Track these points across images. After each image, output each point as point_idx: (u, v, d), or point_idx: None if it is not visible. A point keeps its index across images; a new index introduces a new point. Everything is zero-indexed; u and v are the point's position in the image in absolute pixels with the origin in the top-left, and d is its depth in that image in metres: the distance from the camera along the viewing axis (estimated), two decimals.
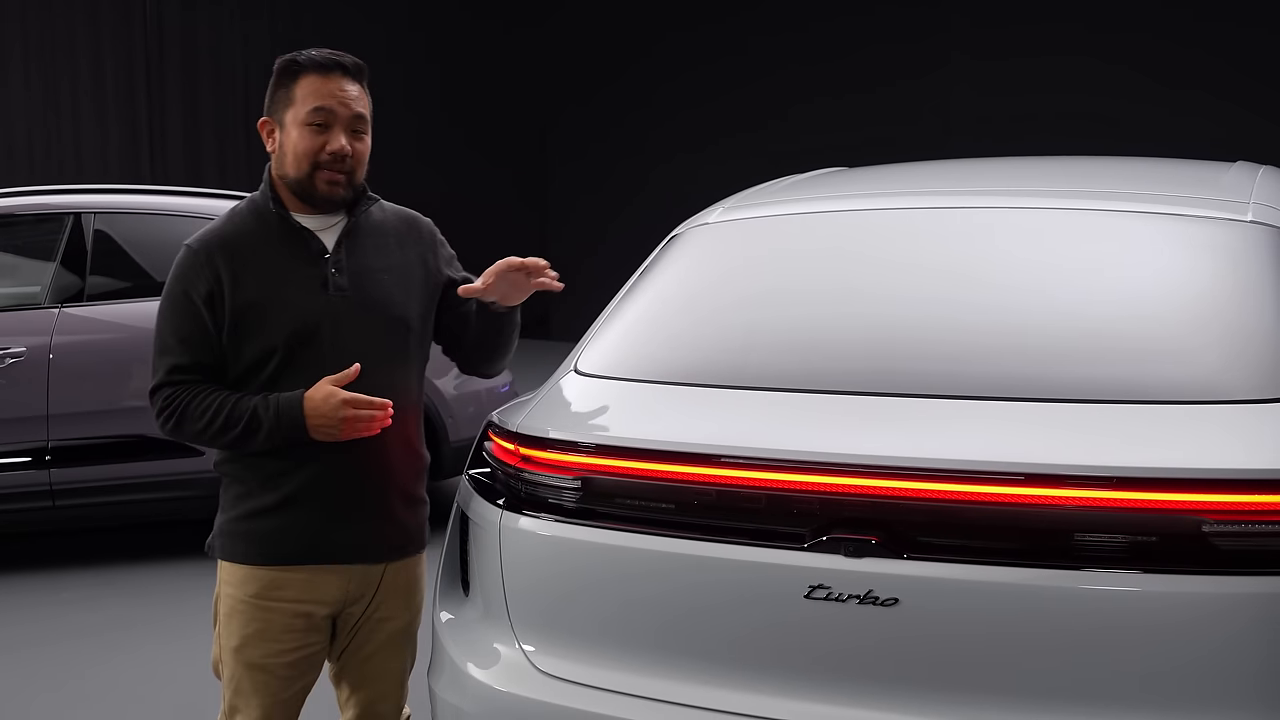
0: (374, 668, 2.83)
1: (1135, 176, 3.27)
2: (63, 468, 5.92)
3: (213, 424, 2.60)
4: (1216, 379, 2.32)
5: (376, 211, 2.82)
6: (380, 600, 2.78)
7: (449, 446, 6.41)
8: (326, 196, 2.68)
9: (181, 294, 2.65)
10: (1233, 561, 2.12)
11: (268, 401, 2.59)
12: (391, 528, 2.75)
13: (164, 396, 2.65)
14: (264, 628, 2.68)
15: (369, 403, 2.57)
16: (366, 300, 2.70)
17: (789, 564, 2.31)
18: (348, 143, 2.67)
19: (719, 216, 3.18)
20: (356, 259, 2.72)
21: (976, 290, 2.64)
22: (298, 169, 2.66)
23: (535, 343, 13.12)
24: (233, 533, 2.70)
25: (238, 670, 2.70)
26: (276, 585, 2.67)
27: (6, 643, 5.18)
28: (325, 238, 2.71)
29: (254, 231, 2.70)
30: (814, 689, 2.32)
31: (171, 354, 2.65)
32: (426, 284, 2.84)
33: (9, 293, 6.20)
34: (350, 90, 2.69)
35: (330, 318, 2.65)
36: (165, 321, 2.68)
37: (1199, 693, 2.14)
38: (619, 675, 2.48)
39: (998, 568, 2.20)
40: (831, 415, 2.43)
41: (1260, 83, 10.45)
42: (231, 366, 2.66)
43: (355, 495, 2.68)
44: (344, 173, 2.67)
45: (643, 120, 14.36)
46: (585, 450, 2.53)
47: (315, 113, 2.64)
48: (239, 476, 2.70)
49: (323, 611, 2.71)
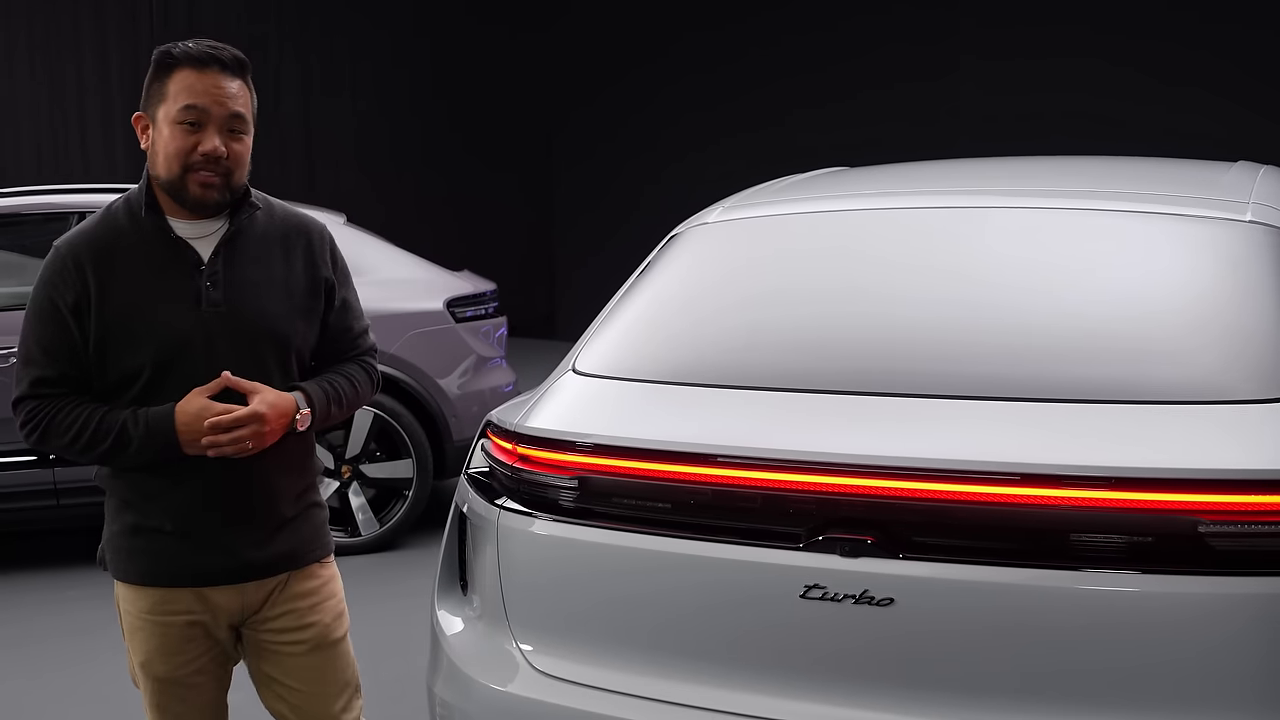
0: (299, 685, 2.69)
1: (1136, 176, 3.27)
2: (67, 467, 5.91)
3: (80, 437, 2.47)
4: (1215, 379, 2.32)
5: (262, 218, 2.64)
6: (283, 610, 2.66)
7: (452, 445, 6.40)
8: (199, 200, 2.50)
9: (48, 301, 2.50)
10: (1230, 562, 2.11)
11: (136, 416, 2.46)
12: (281, 539, 2.63)
13: (28, 409, 2.51)
14: (164, 642, 2.60)
15: (234, 420, 2.44)
16: (243, 315, 2.54)
17: (785, 564, 2.30)
18: (223, 143, 2.48)
19: (718, 216, 3.18)
20: (234, 270, 2.56)
21: (974, 290, 2.64)
22: (168, 170, 2.49)
23: (539, 341, 13.14)
24: (119, 548, 2.60)
25: (149, 683, 2.64)
26: (168, 600, 2.58)
27: (13, 639, 5.20)
28: (202, 247, 2.55)
29: (126, 236, 2.53)
30: (810, 688, 2.32)
31: (36, 365, 2.50)
32: (310, 297, 2.67)
33: (14, 292, 6.20)
34: (228, 87, 2.50)
35: (203, 334, 2.51)
36: (30, 330, 2.53)
37: (1195, 693, 2.14)
38: (616, 674, 2.49)
39: (994, 568, 2.20)
40: (827, 415, 2.42)
41: (1265, 84, 10.43)
42: (97, 381, 2.52)
43: (238, 512, 2.57)
44: (219, 174, 2.49)
45: (648, 122, 14.36)
46: (583, 450, 2.53)
47: (187, 110, 2.46)
48: (117, 488, 2.59)
49: (220, 622, 2.62)
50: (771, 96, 13.34)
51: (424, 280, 6.69)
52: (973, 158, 3.88)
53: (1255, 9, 10.54)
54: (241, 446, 2.47)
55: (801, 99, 13.07)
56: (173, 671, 2.61)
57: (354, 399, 2.72)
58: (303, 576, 2.69)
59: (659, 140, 14.24)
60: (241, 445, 2.47)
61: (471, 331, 6.65)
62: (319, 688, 2.72)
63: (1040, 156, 3.84)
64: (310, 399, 2.61)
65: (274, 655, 2.69)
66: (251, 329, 2.56)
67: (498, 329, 6.93)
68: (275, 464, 2.60)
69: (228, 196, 2.55)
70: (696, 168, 13.26)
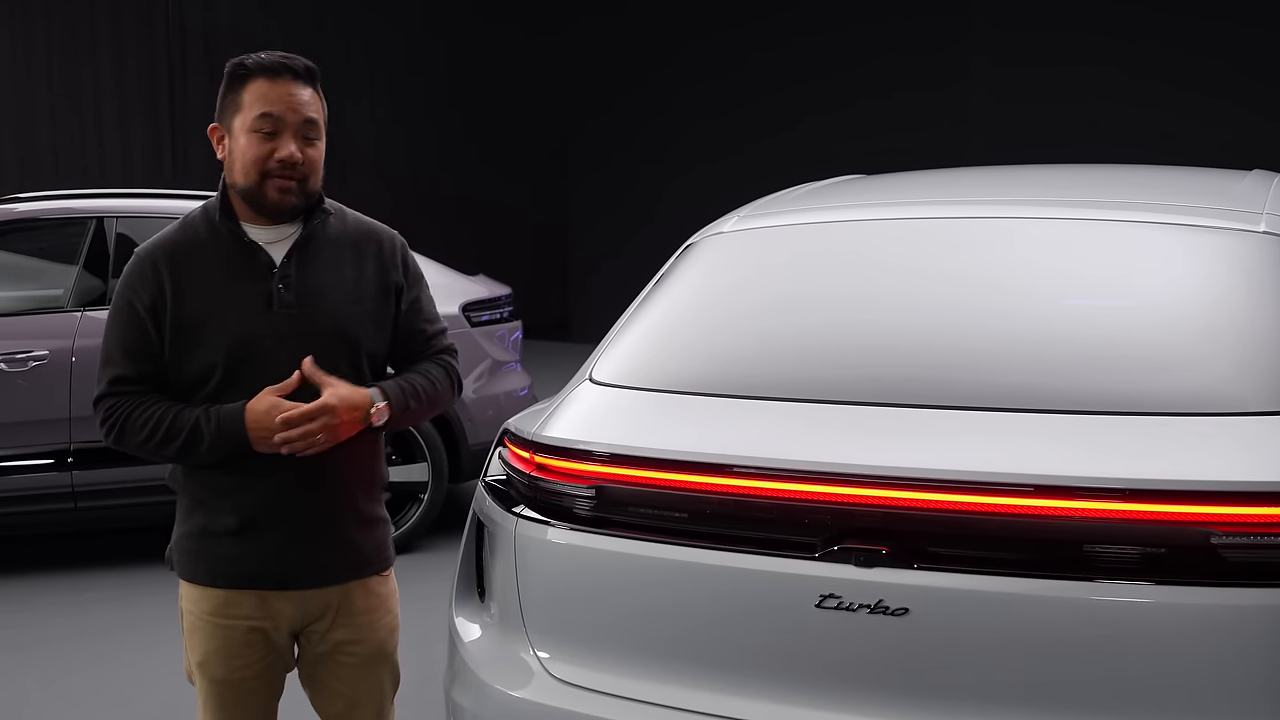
0: (348, 693, 2.75)
1: (1150, 186, 3.28)
2: (85, 470, 5.97)
3: (154, 436, 2.54)
4: (1228, 391, 2.33)
5: (335, 223, 2.71)
6: (343, 622, 2.70)
7: (468, 450, 6.43)
8: (276, 205, 2.59)
9: (126, 304, 2.60)
10: (1242, 573, 2.13)
11: (209, 413, 2.53)
12: (346, 550, 2.68)
13: (106, 407, 2.59)
14: (223, 644, 2.64)
15: (304, 415, 2.48)
16: (314, 317, 2.61)
17: (800, 573, 2.32)
18: (298, 149, 2.57)
19: (733, 226, 3.19)
20: (306, 274, 2.63)
21: (989, 301, 2.66)
22: (246, 177, 2.57)
23: (554, 344, 13.17)
24: (187, 550, 2.66)
25: (205, 683, 2.69)
26: (231, 604, 2.63)
27: (34, 639, 5.24)
28: (275, 250, 2.62)
29: (203, 242, 2.62)
30: (824, 697, 2.34)
31: (115, 365, 2.59)
32: (381, 301, 2.72)
33: (32, 296, 6.26)
34: (301, 95, 2.58)
35: (274, 335, 2.57)
36: (110, 332, 2.62)
37: (1207, 703, 2.15)
38: (632, 682, 2.51)
39: (1008, 578, 2.21)
40: (843, 426, 2.44)
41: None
42: (174, 380, 2.59)
43: (306, 518, 2.61)
44: (295, 180, 2.58)
45: (664, 127, 14.39)
46: (600, 459, 2.55)
47: (263, 119, 2.55)
48: (189, 489, 2.65)
49: (280, 629, 2.67)
50: (786, 102, 13.35)
51: (439, 285, 6.63)
52: (989, 166, 3.89)
53: (1274, 17, 10.52)
54: (312, 441, 2.50)
55: (815, 105, 13.09)
56: (229, 674, 2.65)
57: (434, 396, 2.74)
58: (363, 590, 2.72)
59: (673, 145, 14.27)
60: (312, 440, 2.50)
61: (487, 335, 6.68)
62: (367, 696, 2.77)
63: (1056, 165, 3.85)
64: (386, 394, 2.64)
65: (328, 663, 2.73)
66: (322, 331, 2.61)
67: (513, 333, 6.96)
68: (344, 471, 2.64)
69: (303, 201, 2.62)
70: (711, 173, 13.28)
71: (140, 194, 6.67)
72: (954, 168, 4.01)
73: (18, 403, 5.91)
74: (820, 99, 13.07)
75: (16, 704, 4.58)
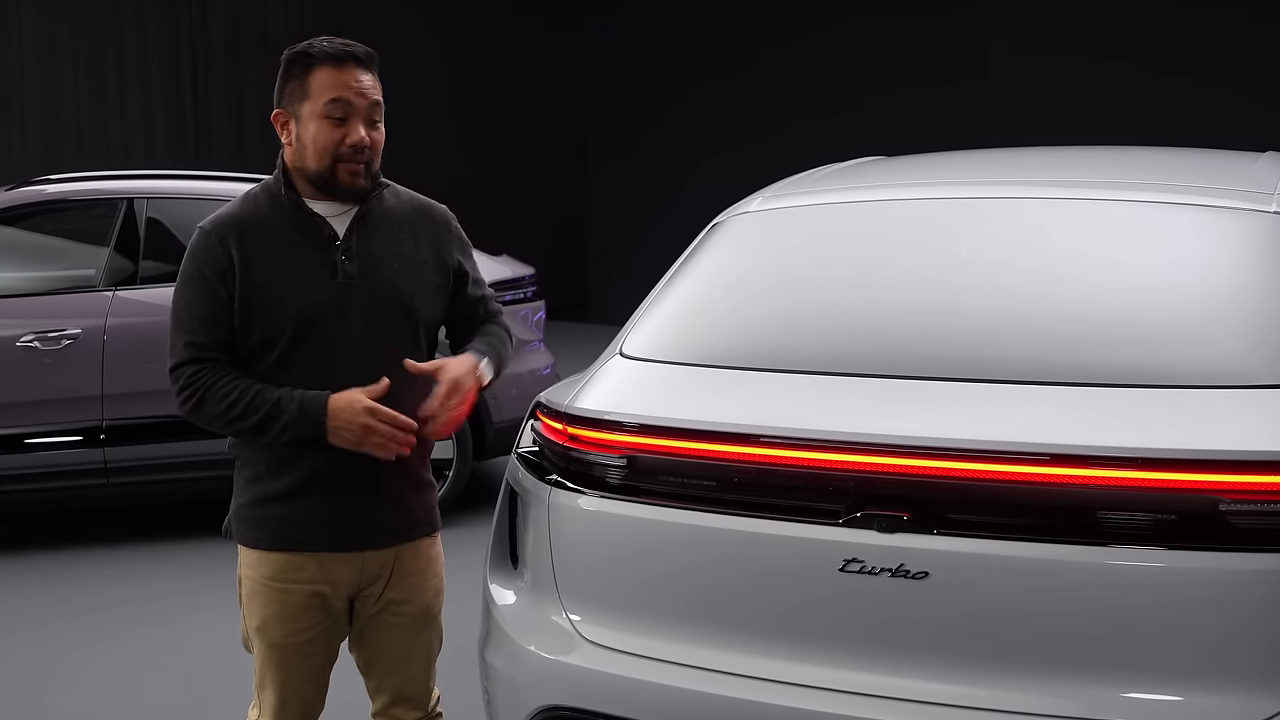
0: (398, 652, 2.84)
1: (1165, 168, 3.34)
2: (116, 446, 6.07)
3: (233, 409, 2.61)
4: (1236, 364, 2.41)
5: (390, 198, 2.82)
6: (394, 583, 2.79)
7: (492, 428, 6.52)
8: (349, 188, 2.69)
9: (196, 272, 2.67)
10: (1249, 538, 2.21)
11: (292, 396, 2.60)
12: (400, 512, 2.77)
13: (188, 374, 2.65)
14: (281, 609, 2.72)
15: (393, 418, 2.59)
16: (375, 288, 2.71)
17: (824, 539, 2.41)
18: (366, 133, 2.67)
19: (759, 205, 3.27)
20: (366, 246, 2.72)
21: (1006, 277, 2.73)
22: (319, 162, 2.67)
23: (575, 325, 13.25)
24: (247, 518, 2.75)
25: (262, 648, 2.77)
26: (292, 568, 2.71)
27: (67, 609, 5.37)
28: (337, 224, 2.72)
29: (267, 215, 2.71)
30: (847, 657, 2.43)
31: (190, 331, 2.65)
32: (437, 273, 2.84)
33: (64, 276, 6.35)
34: (365, 80, 2.68)
35: (338, 304, 2.67)
36: (181, 300, 2.68)
37: (1218, 663, 2.24)
38: (661, 644, 2.60)
39: (1024, 543, 2.30)
40: (865, 397, 2.53)
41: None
42: (241, 347, 2.67)
43: (364, 482, 2.69)
44: (363, 163, 2.68)
45: (679, 119, 14.43)
46: (630, 430, 2.64)
47: (333, 105, 2.64)
48: (251, 460, 2.74)
49: (339, 593, 2.76)
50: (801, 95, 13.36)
51: None
52: (1007, 148, 3.95)
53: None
54: (385, 448, 2.60)
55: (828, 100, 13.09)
56: (287, 637, 2.74)
57: (506, 354, 2.88)
58: (413, 552, 2.82)
59: (689, 136, 14.31)
60: (385, 448, 2.60)
61: (510, 315, 6.74)
62: (414, 655, 2.86)
63: (1074, 147, 3.91)
64: (482, 353, 2.77)
65: (378, 623, 2.82)
66: (384, 300, 2.72)
67: (536, 313, 7.04)
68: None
69: (370, 182, 2.73)
70: (724, 164, 13.30)
71: (169, 175, 6.76)
72: (973, 150, 4.07)
73: (52, 380, 6.02)
74: (833, 94, 13.07)
75: (71, 671, 4.70)
